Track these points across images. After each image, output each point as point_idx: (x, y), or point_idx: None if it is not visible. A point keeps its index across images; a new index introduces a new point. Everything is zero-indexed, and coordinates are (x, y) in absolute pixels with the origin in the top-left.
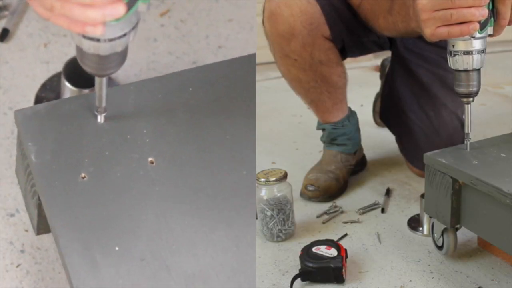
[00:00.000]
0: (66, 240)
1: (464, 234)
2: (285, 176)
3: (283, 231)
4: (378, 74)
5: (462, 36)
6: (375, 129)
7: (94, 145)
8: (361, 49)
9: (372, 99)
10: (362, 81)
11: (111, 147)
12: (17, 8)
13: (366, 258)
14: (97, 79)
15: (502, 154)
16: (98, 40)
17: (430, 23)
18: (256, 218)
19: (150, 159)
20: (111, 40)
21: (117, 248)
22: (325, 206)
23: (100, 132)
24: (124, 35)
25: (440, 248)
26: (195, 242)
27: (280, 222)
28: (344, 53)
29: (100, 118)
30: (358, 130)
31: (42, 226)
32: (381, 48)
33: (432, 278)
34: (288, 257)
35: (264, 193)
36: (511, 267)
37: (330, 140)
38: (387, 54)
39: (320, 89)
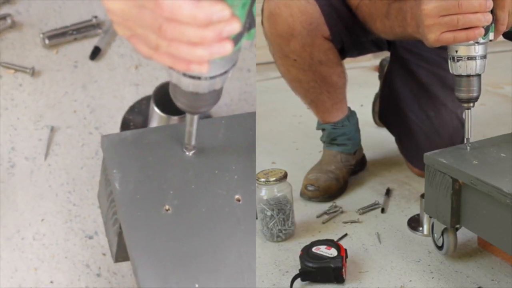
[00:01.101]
0: (145, 272)
1: (464, 234)
2: (285, 176)
3: (283, 231)
4: (377, 74)
5: (467, 41)
6: (375, 129)
7: (180, 177)
8: (360, 49)
9: (372, 99)
10: (362, 81)
11: (198, 181)
12: (110, 26)
13: (366, 258)
14: (188, 116)
15: (502, 154)
16: (199, 78)
17: (435, 29)
18: (256, 218)
19: (237, 196)
20: (212, 78)
21: (196, 286)
22: (325, 206)
23: (187, 164)
24: (225, 72)
25: (440, 248)
26: None
27: (280, 222)
28: (343, 53)
29: (188, 154)
30: (358, 130)
31: (121, 254)
32: (379, 48)
33: (432, 278)
34: (288, 257)
35: (264, 193)
36: (511, 267)
37: (330, 140)
38: (386, 54)
39: (319, 89)
